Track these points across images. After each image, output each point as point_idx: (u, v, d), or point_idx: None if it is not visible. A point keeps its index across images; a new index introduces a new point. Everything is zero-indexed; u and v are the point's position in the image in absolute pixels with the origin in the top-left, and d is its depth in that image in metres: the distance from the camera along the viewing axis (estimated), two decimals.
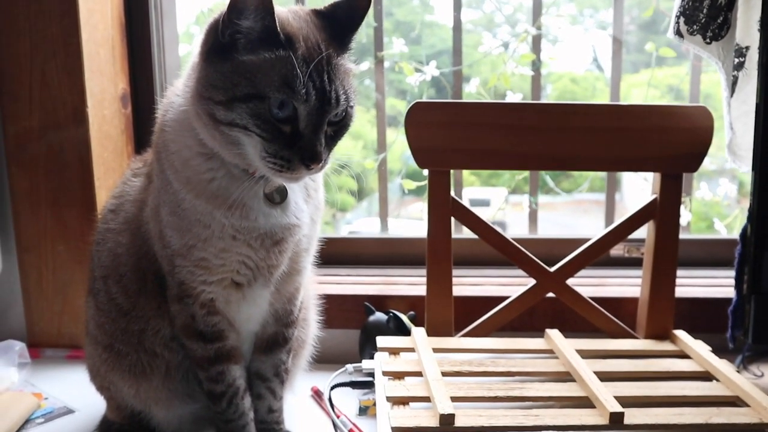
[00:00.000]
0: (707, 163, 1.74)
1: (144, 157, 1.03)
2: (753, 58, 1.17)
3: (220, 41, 0.78)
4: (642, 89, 1.70)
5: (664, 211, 1.17)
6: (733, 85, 1.19)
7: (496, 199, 1.73)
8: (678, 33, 1.18)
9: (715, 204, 1.73)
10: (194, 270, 0.89)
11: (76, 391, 1.21)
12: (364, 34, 1.62)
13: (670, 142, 1.16)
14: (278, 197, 0.89)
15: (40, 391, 1.23)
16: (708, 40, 1.16)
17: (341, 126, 0.84)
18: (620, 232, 1.20)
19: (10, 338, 1.31)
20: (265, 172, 0.81)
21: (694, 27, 1.16)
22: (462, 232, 1.53)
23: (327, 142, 0.82)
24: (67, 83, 1.30)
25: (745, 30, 1.16)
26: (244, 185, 0.85)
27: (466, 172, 1.72)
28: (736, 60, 1.17)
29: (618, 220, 1.21)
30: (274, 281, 0.94)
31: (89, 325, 1.05)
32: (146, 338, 0.96)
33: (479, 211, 1.19)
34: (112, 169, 1.37)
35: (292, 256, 0.94)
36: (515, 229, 2.13)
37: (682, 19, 1.16)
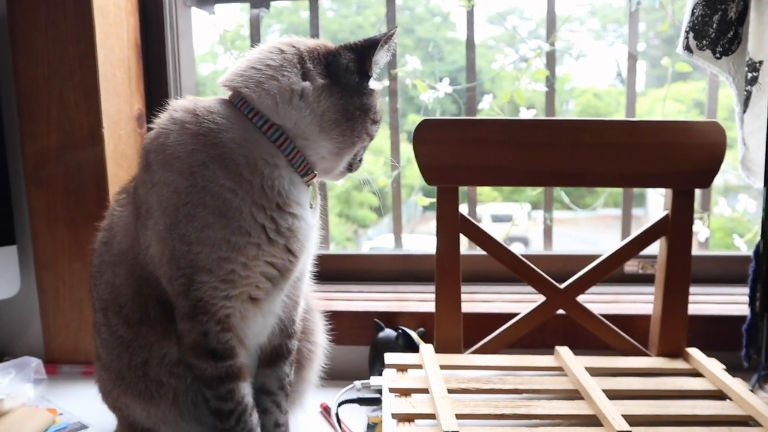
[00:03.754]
0: (731, 178, 1.72)
1: (125, 186, 1.04)
2: (766, 72, 1.16)
3: (367, 73, 0.95)
4: (666, 104, 1.69)
5: (676, 227, 1.16)
6: (747, 100, 1.17)
7: (517, 214, 1.72)
8: (687, 48, 1.17)
9: (736, 219, 1.70)
10: (219, 285, 0.90)
11: (90, 407, 1.22)
12: None
13: (681, 157, 1.15)
14: (312, 203, 0.99)
15: (55, 407, 1.25)
16: (718, 55, 1.15)
17: None
18: (632, 249, 1.19)
19: (28, 354, 1.34)
20: (348, 170, 1.01)
21: (704, 42, 1.15)
22: (473, 249, 1.53)
23: None
24: (84, 104, 1.33)
25: (759, 45, 1.15)
26: (301, 188, 0.95)
27: (487, 189, 1.72)
28: (750, 75, 1.16)
29: (629, 236, 1.20)
30: (290, 284, 0.99)
31: (98, 351, 1.06)
32: (151, 369, 0.97)
33: (502, 227, 1.18)
34: None
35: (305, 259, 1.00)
36: (537, 243, 2.12)
37: (691, 34, 1.16)
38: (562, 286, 1.18)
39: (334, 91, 0.93)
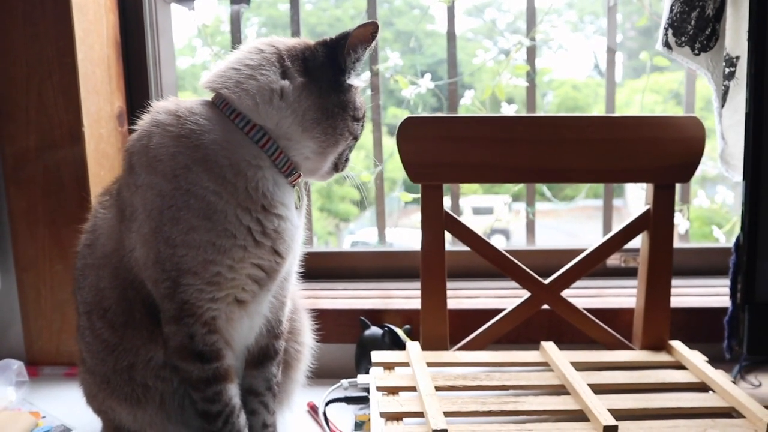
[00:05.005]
0: (710, 168, 1.74)
1: (109, 188, 1.03)
2: (743, 67, 1.17)
3: (343, 69, 0.94)
4: (644, 95, 1.70)
5: (657, 221, 1.17)
6: (725, 94, 1.19)
7: (498, 206, 1.73)
8: (667, 45, 1.18)
9: (716, 211, 1.72)
10: (204, 287, 0.89)
11: (73, 410, 1.21)
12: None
13: (661, 152, 1.16)
14: (298, 203, 0.98)
15: (38, 410, 1.23)
16: (696, 52, 1.16)
17: None
18: (614, 243, 1.20)
19: (8, 357, 1.32)
20: (334, 170, 1.00)
21: (683, 39, 1.16)
22: (457, 244, 1.54)
23: None
24: (63, 103, 1.31)
25: (736, 40, 1.17)
26: (285, 189, 0.94)
27: None
28: (727, 70, 1.17)
29: (612, 231, 1.21)
30: (277, 285, 0.98)
31: (82, 355, 1.05)
32: (137, 372, 0.96)
33: (482, 219, 1.19)
34: None
35: (291, 259, 0.99)
36: (519, 235, 2.13)
37: (670, 31, 1.17)
38: (547, 281, 1.19)
39: (313, 89, 0.93)
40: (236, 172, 0.89)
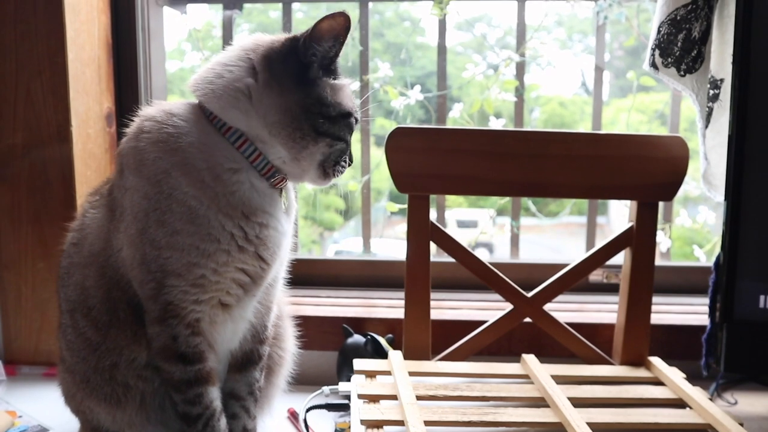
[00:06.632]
0: (691, 188, 1.77)
1: (99, 188, 1.03)
2: (727, 90, 1.19)
3: (325, 65, 0.90)
4: (629, 114, 1.73)
5: (640, 238, 1.19)
6: (708, 116, 1.21)
7: (483, 220, 1.74)
8: (653, 65, 1.20)
9: (697, 230, 1.75)
10: (189, 289, 0.89)
11: (51, 410, 1.20)
12: (349, 58, 1.65)
13: (646, 170, 1.17)
14: (285, 206, 0.96)
15: (15, 409, 1.22)
16: (682, 73, 1.18)
17: None
18: (597, 259, 1.21)
19: None
20: (328, 173, 0.94)
21: (669, 60, 1.18)
22: (441, 255, 1.54)
23: None
24: (52, 102, 1.31)
25: (720, 63, 1.19)
26: (267, 194, 0.92)
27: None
28: (711, 92, 1.20)
29: (595, 247, 1.22)
30: (262, 291, 0.97)
31: (62, 353, 1.05)
32: (118, 372, 0.96)
33: (467, 232, 1.20)
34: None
35: (278, 265, 0.98)
36: (502, 250, 2.14)
37: (657, 52, 1.19)
38: (530, 294, 1.20)
39: (274, 87, 0.89)
40: (214, 176, 0.88)
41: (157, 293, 0.90)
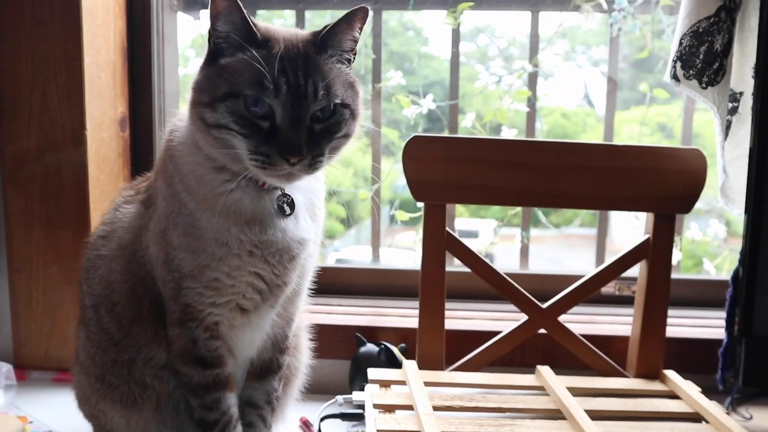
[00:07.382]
0: (698, 203, 1.76)
1: (136, 184, 1.04)
2: (746, 103, 1.19)
3: (211, 50, 0.84)
4: (632, 126, 1.73)
5: (656, 251, 1.18)
6: (727, 129, 1.21)
7: (484, 231, 1.73)
8: (675, 77, 1.20)
9: (705, 244, 1.74)
10: (204, 291, 0.89)
11: (61, 415, 1.19)
12: (362, 65, 1.65)
13: (663, 183, 1.17)
14: (288, 209, 0.90)
15: (26, 414, 1.21)
16: (704, 85, 1.18)
17: (331, 123, 0.85)
18: (612, 271, 1.21)
19: None
20: (253, 172, 0.83)
21: (691, 72, 1.18)
22: (454, 265, 1.54)
23: (314, 138, 0.83)
24: (67, 105, 1.31)
25: (739, 76, 1.19)
26: (255, 198, 0.88)
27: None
28: (730, 105, 1.19)
29: (611, 258, 1.22)
30: (281, 302, 0.96)
31: (79, 355, 1.04)
32: (136, 368, 0.96)
33: (468, 243, 1.19)
34: (108, 192, 1.37)
35: (299, 276, 0.96)
36: (504, 261, 2.14)
37: (678, 64, 1.18)
38: (545, 305, 1.19)
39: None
40: (199, 181, 0.89)
41: (176, 294, 0.90)
